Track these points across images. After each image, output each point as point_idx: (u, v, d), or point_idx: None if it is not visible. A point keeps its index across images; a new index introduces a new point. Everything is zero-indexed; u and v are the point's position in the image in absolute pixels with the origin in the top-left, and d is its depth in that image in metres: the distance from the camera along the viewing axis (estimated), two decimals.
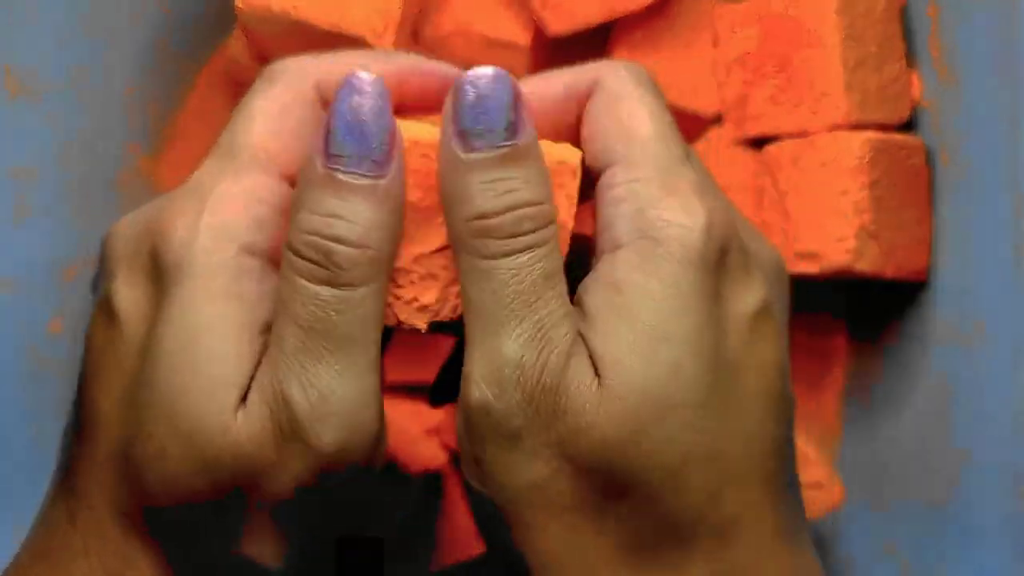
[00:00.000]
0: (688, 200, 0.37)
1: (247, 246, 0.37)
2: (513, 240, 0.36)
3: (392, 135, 0.37)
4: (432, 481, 0.53)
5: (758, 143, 0.53)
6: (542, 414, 0.36)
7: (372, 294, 0.36)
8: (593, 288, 0.37)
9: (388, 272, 0.37)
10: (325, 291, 0.36)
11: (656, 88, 0.39)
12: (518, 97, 0.37)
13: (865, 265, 0.50)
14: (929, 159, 0.52)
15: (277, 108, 0.38)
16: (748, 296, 0.37)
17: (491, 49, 0.54)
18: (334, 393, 0.36)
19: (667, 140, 0.38)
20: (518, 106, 0.37)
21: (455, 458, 0.55)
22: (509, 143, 0.37)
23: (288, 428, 0.36)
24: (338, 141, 0.36)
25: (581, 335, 0.37)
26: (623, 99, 0.38)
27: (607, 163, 0.38)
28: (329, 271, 0.36)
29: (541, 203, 0.37)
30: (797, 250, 0.51)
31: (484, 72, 0.37)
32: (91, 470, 0.38)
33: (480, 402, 0.36)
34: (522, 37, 0.54)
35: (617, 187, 0.38)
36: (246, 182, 0.37)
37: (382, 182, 0.36)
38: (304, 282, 0.36)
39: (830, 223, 0.50)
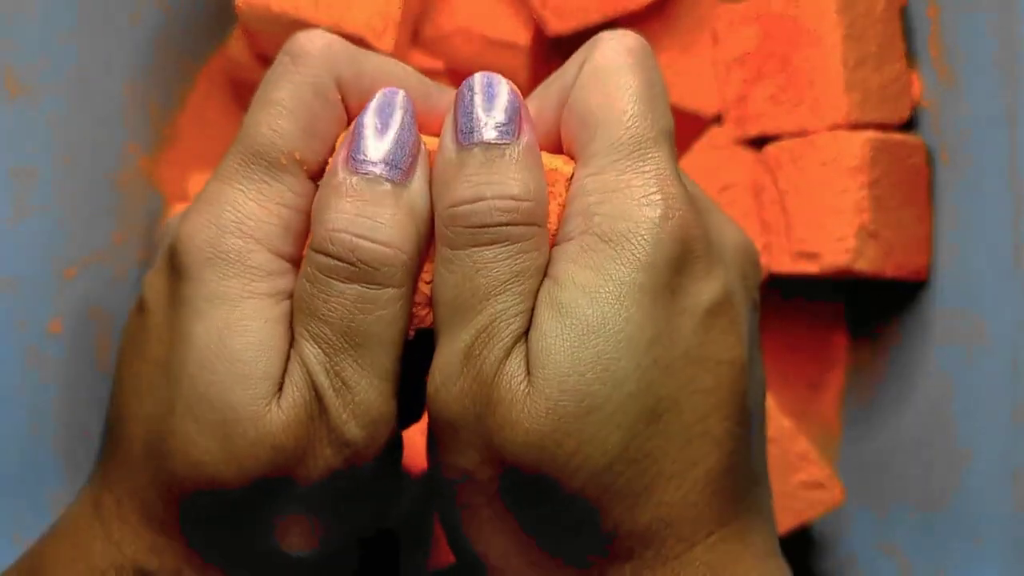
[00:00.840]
0: (644, 192, 0.36)
1: (276, 248, 0.37)
2: (481, 231, 0.36)
3: (416, 147, 0.38)
4: (424, 485, 0.53)
5: (758, 142, 0.53)
6: (477, 406, 0.36)
7: (397, 298, 0.37)
8: (543, 285, 0.37)
9: (412, 281, 0.37)
10: (351, 289, 0.36)
11: (642, 61, 0.38)
12: (513, 102, 0.37)
13: (865, 265, 0.50)
14: (929, 159, 0.52)
15: (298, 103, 0.38)
16: (706, 289, 0.37)
17: (491, 49, 0.54)
18: (358, 385, 0.36)
19: (631, 124, 0.37)
20: (512, 110, 0.37)
21: None
22: (498, 142, 0.37)
23: (319, 418, 0.36)
24: (366, 147, 0.37)
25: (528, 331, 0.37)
26: (590, 88, 0.38)
27: (577, 158, 0.38)
28: (357, 268, 0.36)
29: (521, 200, 0.36)
30: (797, 250, 0.51)
31: (483, 76, 0.38)
32: (116, 458, 0.38)
33: (432, 389, 0.37)
34: (522, 37, 0.54)
35: (576, 182, 0.37)
36: (273, 184, 0.38)
37: (407, 190, 0.37)
38: (329, 279, 0.36)
39: (830, 223, 0.50)
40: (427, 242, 0.38)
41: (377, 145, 0.37)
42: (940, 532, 0.50)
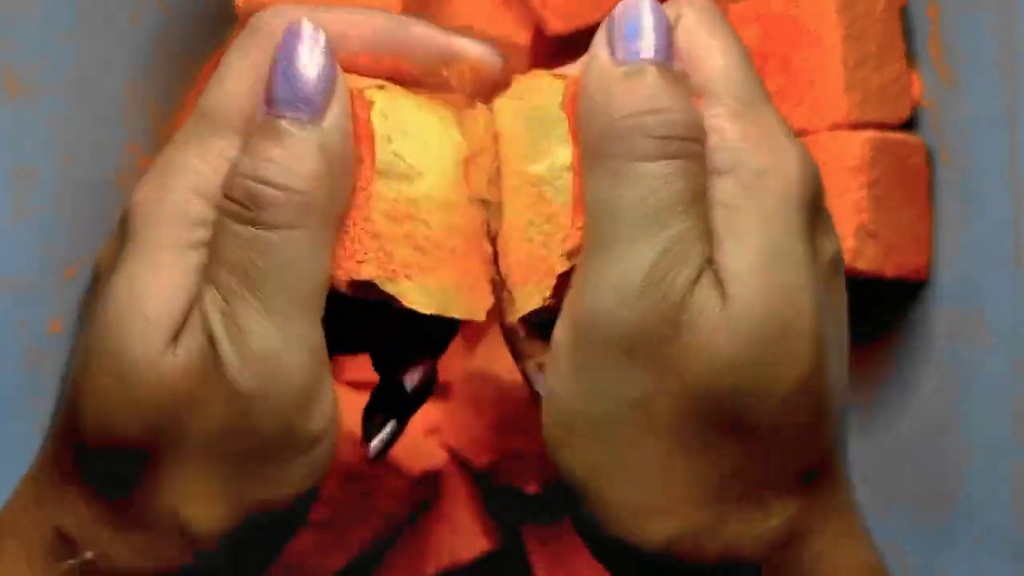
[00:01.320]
0: (776, 137, 0.36)
1: (216, 199, 0.37)
2: (669, 142, 0.35)
3: (331, 83, 0.37)
4: (424, 485, 0.53)
5: None
6: (661, 328, 0.35)
7: (299, 240, 0.36)
8: (715, 210, 0.36)
9: (324, 222, 0.36)
10: (247, 231, 0.36)
11: (727, 24, 0.38)
12: (671, 28, 0.37)
13: (865, 264, 0.50)
14: (929, 159, 0.52)
15: (246, 66, 0.38)
16: (830, 243, 0.37)
17: None
18: (254, 332, 0.35)
19: (746, 76, 0.37)
20: (670, 35, 0.37)
21: (455, 456, 0.55)
22: (658, 61, 0.36)
23: (212, 364, 0.35)
24: (275, 87, 0.37)
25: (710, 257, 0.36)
26: (697, 36, 0.38)
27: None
28: (251, 212, 0.36)
29: (690, 121, 0.36)
30: None
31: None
32: (53, 422, 0.38)
33: (597, 309, 0.35)
34: (522, 36, 0.54)
35: (706, 121, 0.37)
36: (217, 140, 0.37)
37: (317, 129, 0.36)
38: (229, 222, 0.36)
39: None
40: (351, 181, 0.37)
41: (283, 84, 0.37)
42: (940, 532, 0.50)
